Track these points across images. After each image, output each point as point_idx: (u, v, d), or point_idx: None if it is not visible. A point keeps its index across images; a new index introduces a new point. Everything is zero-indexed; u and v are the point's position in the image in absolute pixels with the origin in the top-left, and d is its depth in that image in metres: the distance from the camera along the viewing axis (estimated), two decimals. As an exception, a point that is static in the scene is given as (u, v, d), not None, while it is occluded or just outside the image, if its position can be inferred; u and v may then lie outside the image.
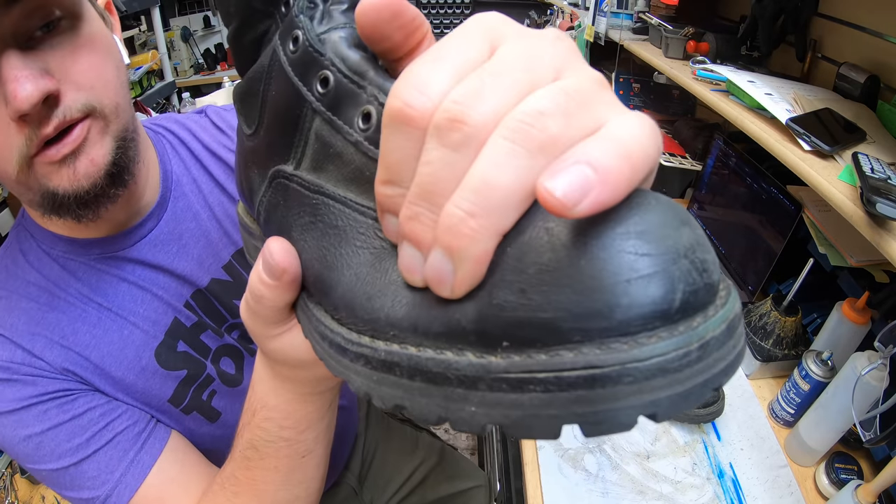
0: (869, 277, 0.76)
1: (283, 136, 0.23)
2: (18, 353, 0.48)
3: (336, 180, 0.22)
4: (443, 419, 0.16)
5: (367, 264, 0.20)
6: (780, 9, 0.89)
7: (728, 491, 0.68)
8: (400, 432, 0.96)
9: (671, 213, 0.15)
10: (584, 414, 0.14)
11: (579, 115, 0.15)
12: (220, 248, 0.58)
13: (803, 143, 0.65)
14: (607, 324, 0.13)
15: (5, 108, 0.38)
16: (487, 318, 0.15)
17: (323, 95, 0.21)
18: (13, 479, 0.80)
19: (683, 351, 0.13)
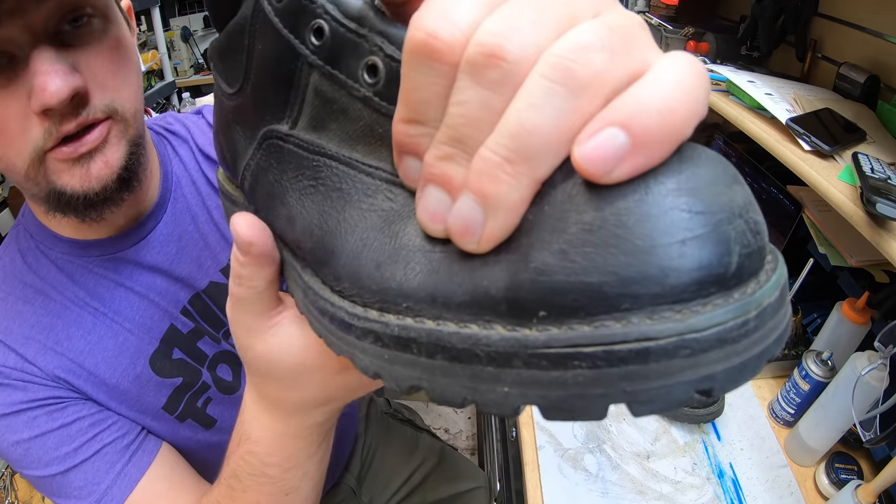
0: (869, 277, 0.76)
1: (275, 93, 0.21)
2: (11, 358, 0.48)
3: (340, 139, 0.20)
4: (469, 401, 0.15)
5: (376, 228, 0.18)
6: (780, 9, 0.89)
7: (728, 491, 0.68)
8: (400, 433, 0.96)
9: (723, 169, 0.13)
10: (635, 392, 0.12)
11: (624, 54, 0.13)
12: (219, 250, 0.58)
13: (803, 143, 0.65)
14: (659, 289, 0.12)
15: (28, 100, 0.38)
16: (522, 285, 0.13)
17: (319, 48, 0.19)
18: (13, 478, 0.80)
19: (742, 320, 0.12)
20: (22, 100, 0.38)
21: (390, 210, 0.18)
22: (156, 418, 0.53)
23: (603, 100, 0.13)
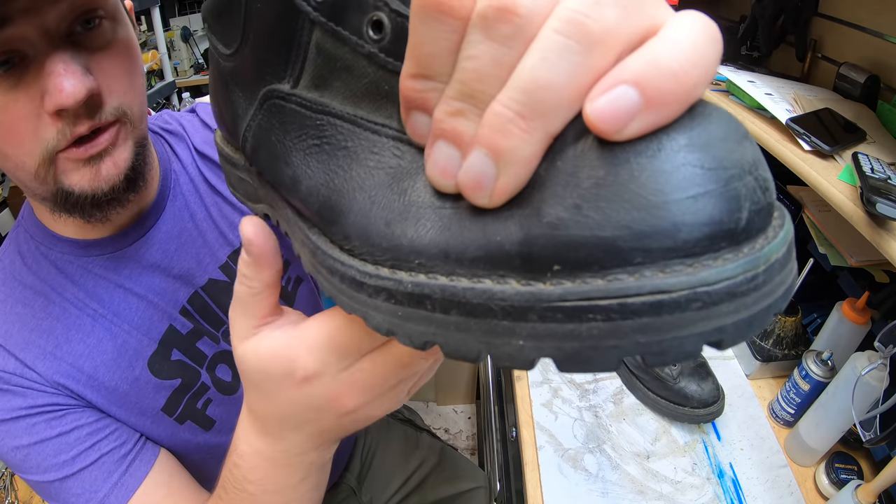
0: (869, 277, 0.76)
1: (275, 52, 0.20)
2: (11, 363, 0.48)
3: (344, 97, 0.19)
4: (484, 355, 0.15)
5: (384, 185, 0.18)
6: (780, 9, 0.89)
7: (728, 491, 0.68)
8: (400, 433, 0.96)
9: (734, 126, 0.13)
10: (648, 343, 0.13)
11: (636, 9, 0.13)
12: (217, 248, 0.58)
13: (803, 143, 0.65)
14: (672, 243, 0.12)
15: (40, 100, 0.38)
16: (536, 239, 0.13)
17: (321, 4, 0.18)
18: (13, 479, 0.80)
19: (752, 274, 0.13)
20: (35, 100, 0.38)
21: (398, 167, 0.18)
22: (155, 420, 0.53)
23: (616, 55, 0.13)
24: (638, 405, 0.80)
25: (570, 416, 0.78)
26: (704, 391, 0.74)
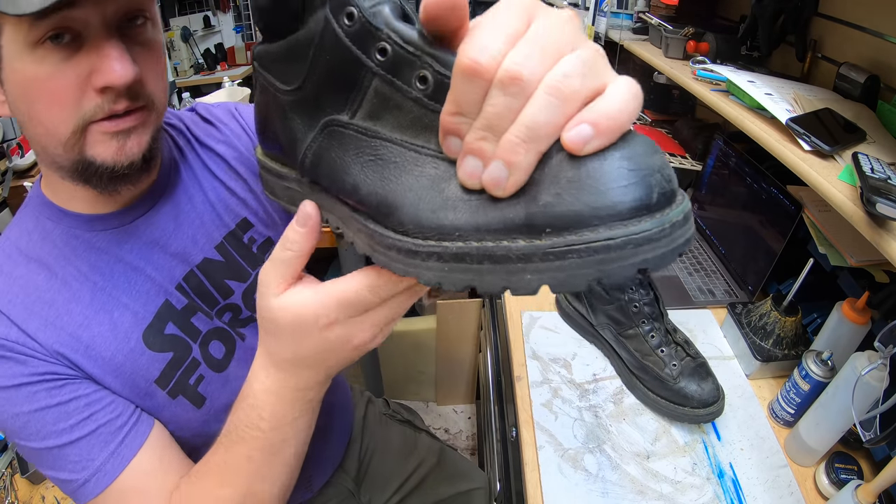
0: (869, 277, 0.76)
1: (338, 93, 0.28)
2: (13, 332, 0.50)
3: (392, 126, 0.27)
4: (506, 288, 0.23)
5: (426, 188, 0.26)
6: (780, 9, 0.89)
7: (728, 491, 0.68)
8: (399, 433, 0.96)
9: (649, 145, 0.23)
10: (604, 269, 0.21)
11: (591, 78, 0.22)
12: (213, 229, 0.62)
13: (803, 143, 0.65)
14: (614, 212, 0.21)
15: (87, 76, 0.44)
16: (535, 215, 0.22)
17: (382, 62, 0.26)
18: (13, 479, 0.80)
19: (659, 228, 0.21)
20: (82, 75, 0.44)
21: (436, 175, 0.26)
22: (148, 393, 0.55)
23: (579, 105, 0.22)
24: (638, 405, 0.80)
25: (570, 416, 0.78)
26: (704, 391, 0.74)
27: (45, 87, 0.44)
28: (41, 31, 0.42)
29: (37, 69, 0.43)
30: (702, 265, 1.10)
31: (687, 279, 1.06)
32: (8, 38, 0.44)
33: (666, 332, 0.80)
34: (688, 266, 1.09)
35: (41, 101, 0.45)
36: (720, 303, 0.99)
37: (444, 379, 1.85)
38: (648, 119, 1.35)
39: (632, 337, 0.81)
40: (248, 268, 0.64)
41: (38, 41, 0.42)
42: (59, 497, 0.77)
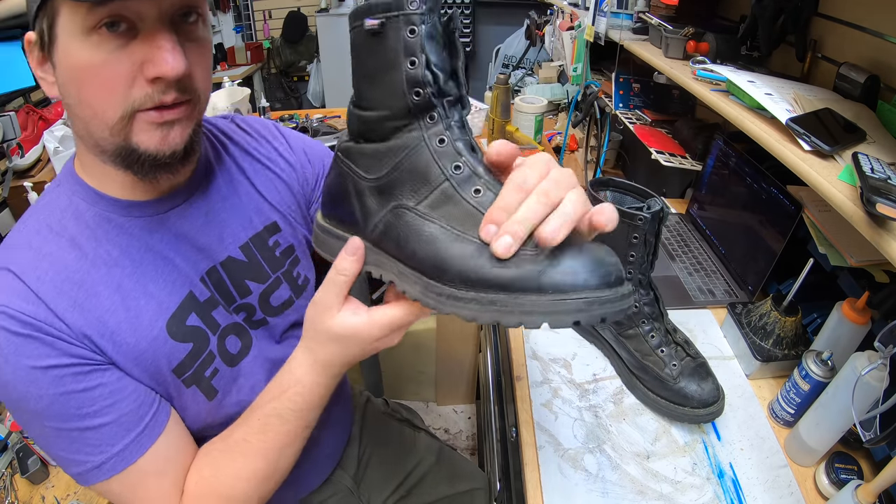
0: (869, 277, 0.76)
1: (412, 189, 0.42)
2: (42, 310, 0.50)
3: (445, 216, 0.41)
4: (520, 323, 0.37)
5: (468, 256, 0.38)
6: (780, 9, 0.89)
7: (728, 491, 0.68)
8: (398, 432, 0.96)
9: (605, 250, 0.38)
10: (580, 316, 0.36)
11: (562, 190, 0.39)
12: (240, 229, 0.64)
13: (803, 143, 0.65)
14: (583, 286, 0.36)
15: (139, 65, 0.46)
16: (544, 283, 0.36)
17: (455, 175, 0.41)
18: (13, 479, 0.80)
19: (613, 295, 0.36)
20: (135, 64, 0.46)
21: (474, 250, 0.38)
22: (165, 381, 0.56)
23: (553, 207, 0.38)
24: (638, 405, 0.80)
25: (570, 416, 0.78)
26: (704, 391, 0.74)
27: (98, 72, 0.45)
28: (97, 18, 0.43)
29: (91, 54, 0.45)
30: (702, 265, 1.09)
31: (687, 279, 1.05)
32: (64, 22, 0.45)
33: (666, 332, 0.80)
34: (688, 266, 1.09)
35: (92, 86, 0.46)
36: (720, 303, 0.99)
37: (444, 379, 1.84)
38: (648, 119, 1.35)
39: (632, 337, 0.81)
40: (269, 270, 0.66)
41: (93, 27, 0.44)
42: (59, 497, 0.77)
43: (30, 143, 1.35)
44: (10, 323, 0.49)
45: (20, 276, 0.51)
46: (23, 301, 0.50)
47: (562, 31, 1.68)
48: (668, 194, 1.39)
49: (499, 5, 3.86)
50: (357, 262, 0.45)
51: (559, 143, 1.72)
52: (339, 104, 3.68)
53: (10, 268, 0.51)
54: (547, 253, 0.37)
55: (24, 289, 0.50)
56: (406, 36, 0.41)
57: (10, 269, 0.51)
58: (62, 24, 0.45)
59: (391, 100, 0.42)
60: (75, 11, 0.44)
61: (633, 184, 0.81)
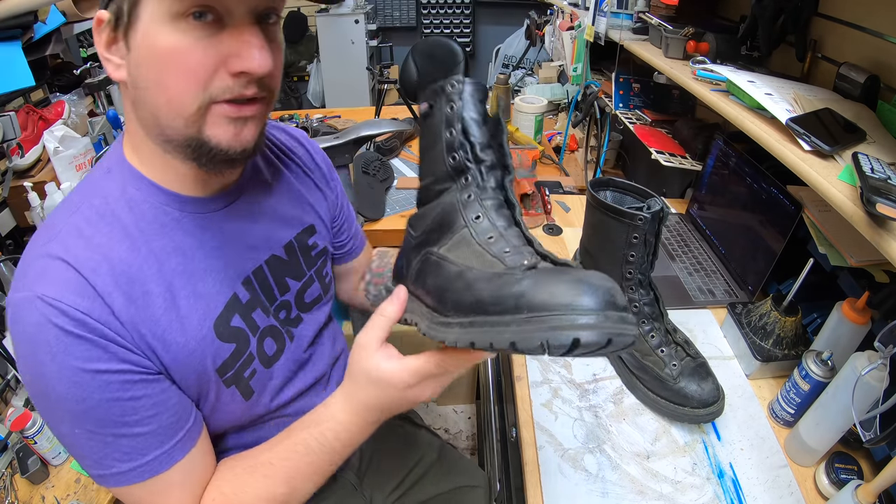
0: (869, 277, 0.76)
1: (440, 235, 0.48)
2: (97, 307, 0.48)
3: (460, 256, 0.45)
4: (513, 343, 0.37)
5: (462, 289, 0.42)
6: (780, 9, 0.89)
7: (728, 491, 0.68)
8: (399, 429, 0.97)
9: (593, 275, 0.39)
10: (547, 336, 0.35)
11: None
12: (285, 229, 0.66)
13: (803, 143, 0.65)
14: (573, 309, 0.36)
15: (224, 56, 0.46)
16: (521, 304, 0.38)
17: (473, 223, 0.46)
18: (13, 479, 0.80)
19: (618, 315, 0.35)
20: (220, 55, 0.46)
21: (472, 279, 0.42)
22: (209, 380, 0.56)
23: None
24: (638, 405, 0.80)
25: (570, 416, 0.78)
26: (704, 391, 0.74)
27: (182, 59, 0.45)
28: (187, 6, 0.43)
29: (177, 40, 0.45)
30: (702, 265, 1.10)
31: (687, 279, 1.06)
32: (149, 6, 0.44)
33: (666, 332, 0.80)
34: (688, 266, 1.09)
35: (174, 72, 0.46)
36: (720, 303, 0.99)
37: (444, 379, 1.85)
38: (648, 119, 1.35)
39: (632, 337, 0.81)
40: (306, 268, 0.69)
41: (181, 14, 0.44)
42: (59, 497, 0.77)
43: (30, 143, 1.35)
44: (63, 320, 0.46)
45: (76, 266, 0.48)
46: (78, 295, 0.47)
47: (562, 31, 1.68)
48: (668, 194, 1.39)
49: (499, 5, 3.86)
50: (399, 307, 0.49)
51: (559, 143, 1.73)
52: (338, 104, 3.68)
53: (63, 257, 0.48)
54: (530, 275, 0.39)
55: (81, 281, 0.48)
56: (447, 111, 0.49)
57: (63, 259, 0.48)
58: (147, 7, 0.45)
59: (436, 166, 0.50)
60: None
61: (633, 184, 0.81)
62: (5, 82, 1.08)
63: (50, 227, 0.51)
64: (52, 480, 0.80)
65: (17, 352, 0.48)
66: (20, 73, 1.11)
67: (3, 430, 0.83)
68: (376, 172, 1.45)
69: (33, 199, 1.19)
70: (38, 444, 0.78)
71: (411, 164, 1.65)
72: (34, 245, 0.51)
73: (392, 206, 1.41)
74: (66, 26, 1.27)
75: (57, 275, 0.48)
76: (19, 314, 0.47)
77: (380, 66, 2.02)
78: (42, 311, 0.46)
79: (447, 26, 3.93)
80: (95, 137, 1.45)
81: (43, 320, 0.46)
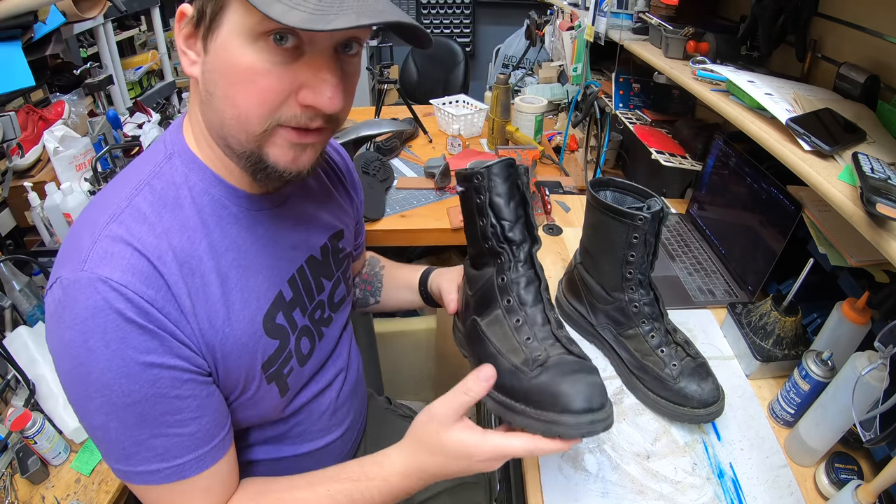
0: (869, 277, 0.76)
1: (483, 308, 0.60)
2: (161, 297, 0.47)
3: (495, 335, 0.57)
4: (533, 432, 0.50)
5: (508, 371, 0.54)
6: (780, 9, 0.89)
7: (728, 491, 0.68)
8: (402, 427, 0.96)
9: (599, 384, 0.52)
10: (556, 431, 0.49)
11: None
12: (322, 231, 0.68)
13: (803, 143, 0.65)
14: (570, 409, 0.49)
15: (298, 84, 0.46)
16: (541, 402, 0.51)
17: (505, 307, 0.58)
18: (13, 479, 0.80)
19: (603, 415, 0.49)
20: (294, 83, 0.46)
21: (505, 366, 0.54)
22: (255, 375, 0.57)
23: None
24: (638, 405, 0.80)
25: (570, 416, 0.78)
26: (704, 391, 0.74)
27: (256, 79, 0.45)
28: (270, 27, 0.43)
29: (253, 60, 0.44)
30: (702, 265, 1.10)
31: (687, 279, 1.05)
32: (232, 17, 0.44)
33: (666, 332, 0.80)
34: (688, 266, 1.09)
35: (246, 90, 0.46)
36: (720, 303, 0.99)
37: (444, 379, 1.84)
38: (648, 119, 1.35)
39: (632, 337, 0.81)
40: (335, 269, 0.71)
41: (262, 34, 0.43)
42: (59, 497, 0.77)
43: (30, 143, 1.35)
44: (126, 306, 0.44)
45: (144, 252, 0.47)
46: (145, 283, 0.46)
47: (562, 31, 1.68)
48: (668, 194, 1.38)
49: (499, 5, 3.86)
50: (486, 388, 0.52)
51: (559, 143, 1.72)
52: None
53: (129, 241, 0.46)
54: (539, 373, 0.51)
55: (150, 268, 0.46)
56: (476, 201, 0.57)
57: (129, 243, 0.46)
58: (230, 18, 0.44)
59: (476, 243, 0.60)
60: (250, 13, 0.43)
61: (633, 184, 0.81)
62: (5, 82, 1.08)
63: (108, 204, 0.49)
64: (52, 480, 0.80)
65: (59, 333, 0.45)
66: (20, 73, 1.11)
67: (3, 430, 0.83)
68: (376, 172, 1.45)
69: (33, 199, 1.18)
70: (38, 444, 0.78)
71: (411, 164, 1.65)
72: (90, 223, 0.48)
73: (392, 206, 1.41)
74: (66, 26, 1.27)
75: (124, 259, 0.46)
76: (73, 294, 0.44)
77: (380, 66, 2.02)
78: (104, 294, 0.44)
79: (447, 26, 3.93)
80: (95, 137, 1.45)
81: (102, 304, 0.44)
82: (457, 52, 3.31)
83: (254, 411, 0.60)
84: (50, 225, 1.21)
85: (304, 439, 0.70)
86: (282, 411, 0.64)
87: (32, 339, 0.92)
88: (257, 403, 0.59)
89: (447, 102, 1.92)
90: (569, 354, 0.54)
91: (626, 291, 0.80)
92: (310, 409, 0.69)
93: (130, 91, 1.97)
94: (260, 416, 0.62)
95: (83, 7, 1.25)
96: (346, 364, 0.76)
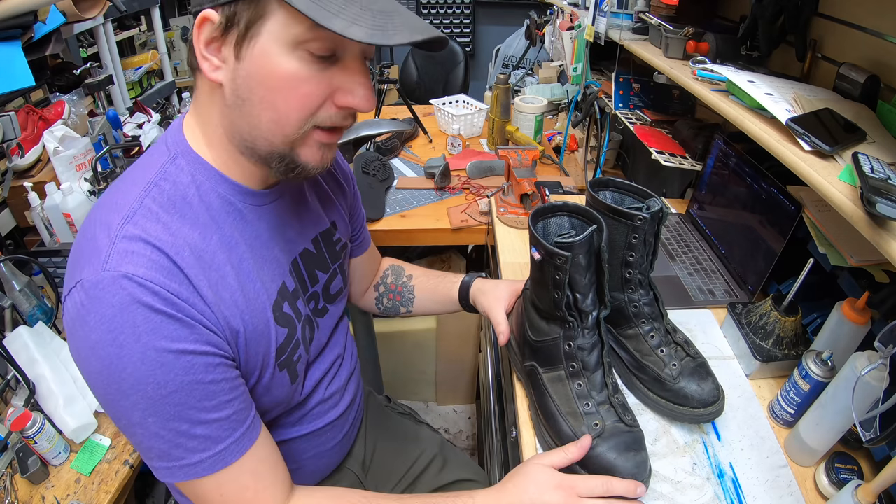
0: (869, 277, 0.76)
1: (545, 362, 0.68)
2: (185, 289, 0.49)
3: (556, 392, 0.67)
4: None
5: (564, 414, 0.66)
6: (780, 9, 0.89)
7: (728, 491, 0.68)
8: (401, 425, 0.98)
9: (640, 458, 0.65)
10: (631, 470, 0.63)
11: None
12: (315, 223, 0.70)
13: (803, 143, 0.65)
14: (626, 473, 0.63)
15: (334, 89, 0.50)
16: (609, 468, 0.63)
17: (569, 370, 0.67)
18: (13, 479, 0.80)
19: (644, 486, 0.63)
20: (330, 87, 0.50)
21: (564, 428, 0.66)
22: (269, 363, 0.59)
23: None
24: (638, 405, 0.80)
25: (570, 416, 0.78)
26: (704, 391, 0.74)
27: (298, 86, 0.48)
28: (318, 36, 0.46)
29: (295, 68, 0.47)
30: (702, 265, 1.10)
31: (687, 279, 1.05)
32: (273, 27, 0.46)
33: (666, 332, 0.80)
34: (688, 266, 1.09)
35: (285, 96, 0.48)
36: (720, 303, 0.99)
37: (444, 379, 1.84)
38: (648, 119, 1.35)
39: (631, 337, 0.81)
40: (330, 262, 0.72)
41: (302, 42, 0.46)
42: (59, 497, 0.77)
43: (30, 143, 1.35)
44: (152, 299, 0.46)
45: (161, 248, 0.48)
46: (166, 277, 0.47)
47: (562, 31, 1.68)
48: (668, 194, 1.39)
49: (499, 5, 3.86)
50: (581, 454, 0.61)
51: (559, 143, 1.73)
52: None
53: (146, 239, 0.48)
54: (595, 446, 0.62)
55: (168, 263, 0.48)
56: (555, 277, 0.59)
57: (146, 241, 0.48)
58: (270, 28, 0.46)
59: (546, 304, 0.64)
60: (295, 23, 0.45)
61: (633, 184, 0.81)
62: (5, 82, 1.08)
63: (118, 207, 0.50)
64: (52, 480, 0.80)
65: (84, 336, 0.46)
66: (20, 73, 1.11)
67: (3, 430, 0.83)
68: (376, 172, 1.45)
69: (33, 199, 1.19)
70: (38, 444, 0.78)
71: (411, 164, 1.65)
72: (104, 225, 0.49)
73: (392, 206, 1.41)
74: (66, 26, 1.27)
75: (144, 256, 0.47)
76: (97, 295, 0.45)
77: (380, 66, 2.02)
78: (129, 290, 0.45)
79: (447, 26, 3.93)
80: (95, 137, 1.45)
81: (129, 300, 0.45)
82: (457, 52, 3.31)
83: (267, 398, 0.61)
84: (50, 225, 1.21)
85: (303, 423, 0.72)
86: (287, 400, 0.65)
87: (32, 339, 0.92)
88: (270, 390, 0.61)
89: (447, 102, 1.92)
90: (621, 423, 0.64)
91: (626, 291, 0.80)
92: (312, 403, 0.71)
93: (130, 91, 1.97)
94: (272, 403, 0.63)
95: (83, 7, 1.25)
96: (342, 352, 0.78)
